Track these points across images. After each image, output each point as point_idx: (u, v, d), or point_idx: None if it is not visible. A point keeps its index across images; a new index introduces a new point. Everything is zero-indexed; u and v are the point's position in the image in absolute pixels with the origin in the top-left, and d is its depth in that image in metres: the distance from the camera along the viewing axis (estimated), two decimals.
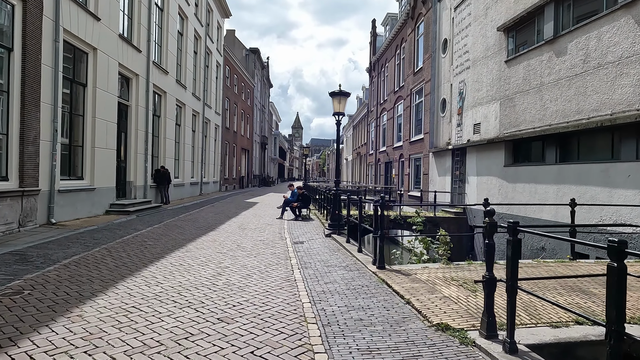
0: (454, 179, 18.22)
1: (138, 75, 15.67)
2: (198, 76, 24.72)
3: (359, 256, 7.53)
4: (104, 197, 13.11)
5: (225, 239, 9.57)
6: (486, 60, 15.26)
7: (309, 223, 13.46)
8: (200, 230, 10.77)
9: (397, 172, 28.25)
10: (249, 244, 8.93)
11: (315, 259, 7.54)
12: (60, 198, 10.78)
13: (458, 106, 17.72)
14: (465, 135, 16.89)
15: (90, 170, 12.45)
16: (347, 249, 8.39)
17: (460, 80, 17.48)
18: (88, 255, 7.06)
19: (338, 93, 10.36)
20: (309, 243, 9.43)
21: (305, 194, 14.67)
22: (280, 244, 9.20)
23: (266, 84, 57.10)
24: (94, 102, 12.44)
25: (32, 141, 9.57)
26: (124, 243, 8.44)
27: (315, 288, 5.42)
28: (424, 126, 22.33)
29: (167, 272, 6.04)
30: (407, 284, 5.33)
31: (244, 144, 40.88)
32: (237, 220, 13.50)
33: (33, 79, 9.52)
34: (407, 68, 25.69)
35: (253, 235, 10.26)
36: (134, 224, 11.63)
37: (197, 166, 24.83)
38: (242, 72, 38.80)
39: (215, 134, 29.80)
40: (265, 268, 6.62)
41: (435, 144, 20.26)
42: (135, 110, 15.69)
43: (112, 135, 13.57)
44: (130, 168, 15.62)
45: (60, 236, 8.87)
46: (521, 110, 13.03)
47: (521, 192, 13.02)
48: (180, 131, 21.64)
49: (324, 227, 12.21)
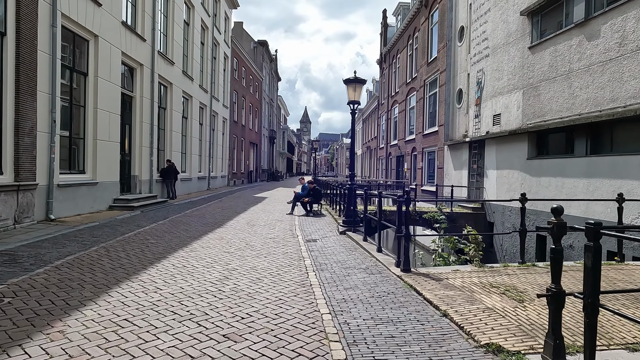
0: (471, 172, 17.43)
1: (142, 66, 15.06)
2: (205, 68, 24.09)
3: (379, 257, 6.86)
4: (106, 191, 12.56)
5: (233, 236, 8.95)
6: (507, 47, 14.42)
7: (321, 219, 12.81)
8: (207, 227, 10.17)
9: (410, 166, 27.47)
10: (259, 243, 8.29)
11: (330, 259, 6.88)
12: (59, 193, 10.23)
13: (476, 96, 16.89)
14: (484, 127, 16.09)
15: (92, 163, 11.89)
16: (365, 248, 7.72)
17: (479, 69, 16.65)
18: (84, 255, 6.47)
19: (353, 80, 9.64)
20: (322, 241, 8.77)
21: (317, 189, 14.01)
22: (292, 242, 8.56)
23: (274, 77, 56.38)
24: (95, 92, 11.85)
25: (28, 132, 9.00)
26: (124, 241, 7.85)
27: (334, 295, 4.76)
28: (438, 118, 21.51)
29: (168, 276, 5.42)
30: (440, 291, 4.65)
31: (252, 138, 40.28)
32: (245, 216, 12.89)
33: (28, 66, 8.93)
34: (420, 58, 24.83)
35: (262, 233, 9.63)
36: (138, 220, 11.06)
37: (204, 160, 24.26)
38: (250, 65, 38.12)
39: (223, 127, 29.20)
40: (277, 270, 5.97)
41: (450, 137, 19.46)
42: (140, 101, 15.10)
43: (115, 127, 13.00)
44: (135, 162, 15.05)
45: (57, 233, 8.30)
46: (547, 100, 12.22)
47: (546, 186, 12.24)
48: (187, 124, 21.06)
49: (337, 223, 11.55)
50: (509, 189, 14.22)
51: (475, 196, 16.91)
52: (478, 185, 16.81)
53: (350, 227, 9.58)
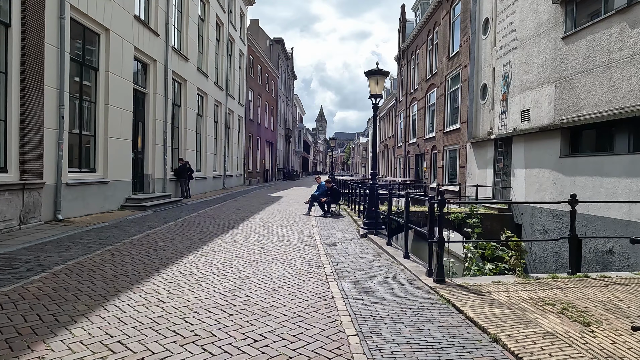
0: (497, 171, 16.59)
1: (156, 61, 14.66)
2: (220, 65, 23.68)
3: (406, 263, 6.21)
4: (118, 190, 12.17)
5: (247, 239, 8.40)
6: (538, 38, 13.56)
7: (340, 220, 12.19)
8: (220, 229, 9.65)
9: (429, 165, 26.65)
10: (274, 246, 7.72)
11: (353, 266, 6.26)
12: (68, 192, 9.84)
13: (502, 91, 16.04)
14: (511, 124, 15.24)
15: (103, 161, 11.50)
16: (389, 253, 7.08)
17: (505, 62, 15.80)
18: (86, 260, 5.98)
19: (375, 72, 8.99)
20: (342, 245, 8.16)
21: (335, 188, 13.39)
22: (310, 245, 7.96)
23: (290, 76, 55.92)
24: (106, 88, 11.46)
25: (34, 129, 8.60)
26: (132, 244, 7.36)
27: (361, 311, 4.14)
28: (460, 115, 20.67)
29: (173, 286, 4.87)
30: (485, 309, 3.99)
31: (268, 137, 39.87)
32: (260, 216, 12.35)
33: (35, 59, 8.53)
34: (441, 53, 23.98)
35: (278, 235, 9.06)
36: (149, 220, 10.62)
37: (219, 159, 23.87)
38: (266, 63, 37.68)
39: (239, 125, 28.80)
40: (294, 279, 5.38)
41: (474, 134, 18.62)
42: (153, 98, 14.70)
43: (127, 124, 12.60)
44: (148, 160, 14.67)
45: (63, 235, 7.88)
46: (582, 93, 11.36)
47: (582, 186, 11.38)
48: (202, 122, 20.66)
49: (357, 225, 10.92)
50: (539, 188, 13.38)
51: (501, 196, 16.08)
52: (504, 184, 15.97)
53: (372, 230, 8.95)
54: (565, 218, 11.85)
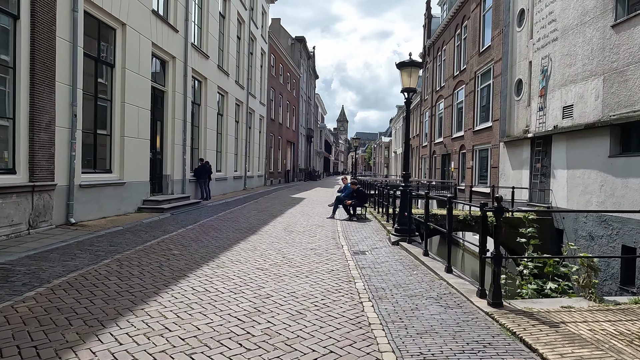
0: (534, 172, 15.48)
1: (175, 58, 14.16)
2: (241, 63, 23.16)
3: (449, 279, 5.40)
4: (135, 192, 11.68)
5: (269, 246, 7.71)
6: (582, 27, 12.46)
7: (366, 225, 11.40)
8: (239, 234, 9.00)
9: (457, 166, 25.54)
10: (298, 255, 7.00)
11: (388, 281, 5.48)
12: (81, 194, 9.36)
13: (540, 87, 14.95)
14: (551, 121, 14.16)
15: (119, 162, 11.02)
16: (427, 265, 6.27)
17: (544, 55, 14.70)
18: (90, 271, 5.39)
19: (408, 63, 8.17)
20: (372, 254, 7.38)
21: (361, 190, 12.60)
22: (337, 254, 7.22)
23: (312, 75, 55.28)
24: (123, 85, 10.97)
25: (45, 127, 8.12)
26: (143, 252, 6.76)
27: (407, 347, 3.37)
28: (492, 112, 19.57)
29: (183, 307, 4.20)
30: (566, 348, 3.16)
31: (289, 137, 39.30)
32: (282, 220, 11.68)
33: (45, 54, 8.04)
34: (471, 48, 22.88)
35: (302, 241, 8.35)
36: (165, 224, 10.06)
37: (240, 159, 23.36)
38: (287, 62, 37.11)
39: (260, 125, 28.27)
40: (322, 298, 4.65)
41: (507, 133, 17.54)
42: (172, 96, 14.21)
43: (145, 123, 12.11)
44: (167, 160, 14.18)
45: (72, 241, 7.35)
46: (637, 86, 10.27)
47: (636, 189, 10.29)
48: (222, 121, 20.17)
49: (386, 230, 10.12)
50: (584, 191, 12.29)
51: (538, 199, 14.99)
52: (542, 186, 14.87)
53: (405, 237, 8.13)
54: (615, 224, 10.78)
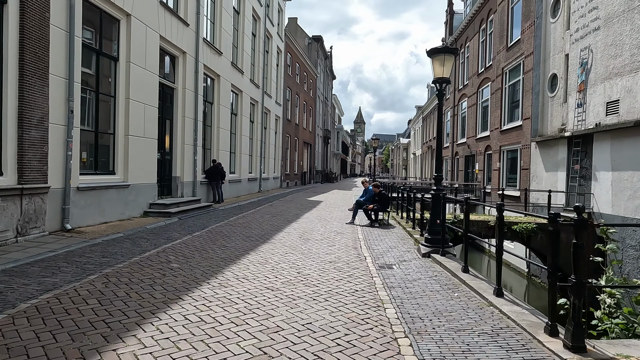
0: (572, 174, 14.21)
1: (185, 53, 13.39)
2: (257, 61, 22.37)
3: (502, 305, 4.37)
4: (141, 195, 10.90)
5: (281, 258, 6.77)
6: (630, 13, 11.22)
7: (390, 232, 10.38)
8: (250, 242, 8.09)
9: (482, 167, 24.26)
10: (315, 270, 6.05)
11: (425, 307, 4.48)
12: (80, 197, 8.59)
13: (579, 81, 13.70)
14: (592, 118, 12.91)
15: (123, 163, 10.25)
16: (470, 285, 5.24)
17: (583, 46, 13.46)
18: (69, 291, 4.53)
19: (441, 50, 7.14)
20: (401, 268, 6.38)
21: (383, 194, 11.57)
22: (360, 268, 6.24)
23: (329, 75, 54.37)
24: (127, 80, 10.21)
25: (36, 124, 7.36)
26: (138, 265, 5.89)
27: None
28: (522, 110, 18.31)
29: (167, 348, 3.28)
30: None
31: (306, 138, 38.43)
32: (298, 226, 10.74)
33: (37, 43, 7.29)
34: (498, 44, 21.62)
35: (319, 252, 7.39)
36: (171, 230, 9.23)
37: (255, 160, 22.54)
38: (304, 61, 36.28)
39: (276, 125, 27.45)
40: (346, 333, 3.68)
41: (540, 132, 16.29)
42: (182, 94, 13.43)
43: (152, 121, 11.33)
44: (176, 161, 13.40)
45: (62, 250, 6.54)
46: None
47: None
48: (236, 121, 19.37)
49: (413, 239, 9.08)
50: (633, 195, 11.04)
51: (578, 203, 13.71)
52: (582, 190, 13.60)
53: (437, 248, 7.10)
54: None
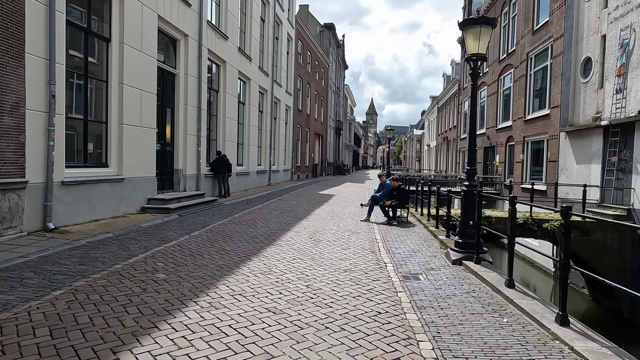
0: (608, 167, 12.98)
1: (187, 36, 12.41)
2: (266, 48, 21.32)
3: (572, 340, 3.33)
4: (138, 190, 10.03)
5: (288, 266, 5.80)
6: None
7: (411, 231, 9.35)
8: (254, 245, 7.14)
9: (503, 159, 23.02)
10: (327, 282, 5.07)
11: (470, 339, 3.47)
12: (65, 193, 7.72)
13: (618, 64, 12.42)
14: (633, 105, 11.66)
15: (117, 155, 9.36)
16: (520, 306, 4.20)
17: (624, 25, 12.15)
18: (19, 315, 3.61)
19: (476, 20, 6.03)
20: (430, 279, 5.36)
21: (402, 188, 10.52)
22: (381, 280, 5.24)
23: (341, 65, 53.02)
24: (121, 63, 9.27)
25: (9, 110, 6.47)
26: (117, 276, 4.97)
27: None
28: (550, 98, 17.00)
29: None
30: None
31: (317, 129, 37.34)
32: (308, 224, 9.77)
33: (9, 18, 6.37)
34: (522, 27, 20.24)
35: (332, 257, 6.41)
36: (167, 229, 8.33)
37: (264, 152, 21.58)
38: (316, 49, 35.08)
39: (286, 116, 26.43)
40: None
41: (570, 121, 15.03)
42: (184, 80, 12.48)
43: (150, 109, 10.41)
44: (178, 153, 12.49)
45: (36, 255, 5.66)
46: None
47: None
48: (244, 110, 18.40)
49: (437, 240, 8.04)
50: None
51: (615, 199, 12.52)
52: (620, 184, 12.38)
53: (470, 254, 6.06)
54: None
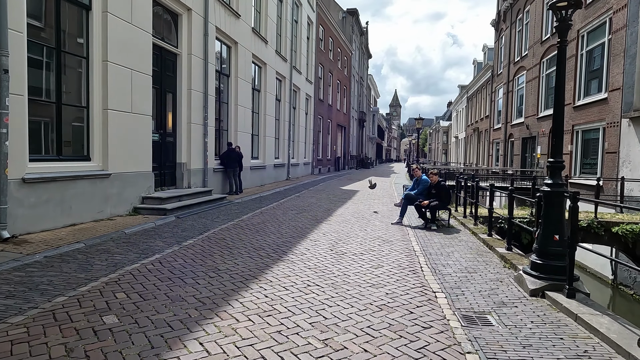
0: None
1: (190, 10, 10.82)
2: (284, 31, 19.61)
3: None
4: (129, 187, 8.52)
5: (298, 300, 4.12)
6: None
7: (456, 238, 7.55)
8: (257, 261, 5.50)
9: (545, 151, 20.75)
10: (354, 332, 3.37)
11: None
12: (28, 192, 6.24)
13: None
14: None
15: (100, 146, 7.85)
16: None
17: None
18: None
19: None
20: (507, 325, 3.61)
21: (443, 185, 8.68)
22: (434, 324, 3.52)
23: (365, 54, 50.85)
24: (104, 36, 7.73)
25: None
26: (45, 321, 3.39)
27: None
28: (608, 80, 14.76)
29: None
30: None
31: (340, 120, 35.51)
32: (328, 228, 8.08)
33: None
34: None
35: (359, 282, 4.70)
36: (156, 236, 6.77)
37: (283, 144, 19.94)
38: (338, 36, 33.15)
39: (307, 105, 24.72)
40: None
41: (636, 106, 12.84)
42: (188, 61, 10.91)
43: (143, 93, 8.87)
44: (181, 144, 10.96)
45: None
46: None
47: None
48: (259, 98, 16.78)
49: (496, 255, 6.22)
50: None
51: None
52: None
53: (558, 283, 4.25)
54: None
